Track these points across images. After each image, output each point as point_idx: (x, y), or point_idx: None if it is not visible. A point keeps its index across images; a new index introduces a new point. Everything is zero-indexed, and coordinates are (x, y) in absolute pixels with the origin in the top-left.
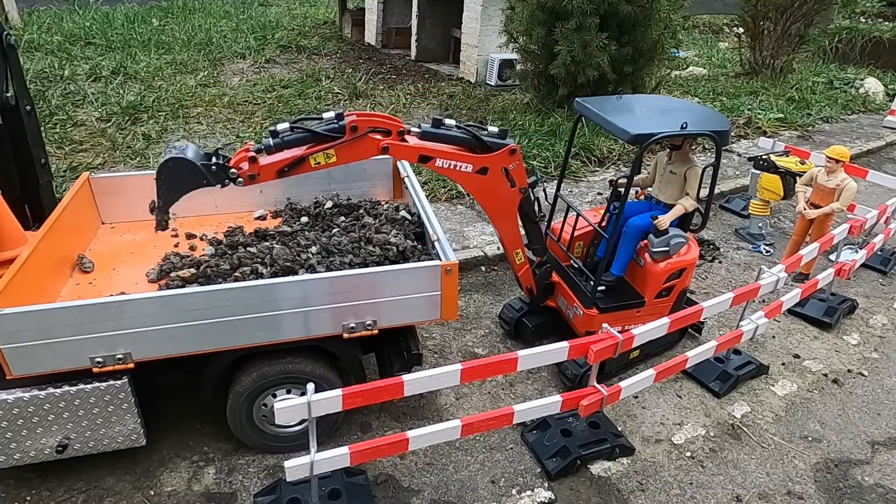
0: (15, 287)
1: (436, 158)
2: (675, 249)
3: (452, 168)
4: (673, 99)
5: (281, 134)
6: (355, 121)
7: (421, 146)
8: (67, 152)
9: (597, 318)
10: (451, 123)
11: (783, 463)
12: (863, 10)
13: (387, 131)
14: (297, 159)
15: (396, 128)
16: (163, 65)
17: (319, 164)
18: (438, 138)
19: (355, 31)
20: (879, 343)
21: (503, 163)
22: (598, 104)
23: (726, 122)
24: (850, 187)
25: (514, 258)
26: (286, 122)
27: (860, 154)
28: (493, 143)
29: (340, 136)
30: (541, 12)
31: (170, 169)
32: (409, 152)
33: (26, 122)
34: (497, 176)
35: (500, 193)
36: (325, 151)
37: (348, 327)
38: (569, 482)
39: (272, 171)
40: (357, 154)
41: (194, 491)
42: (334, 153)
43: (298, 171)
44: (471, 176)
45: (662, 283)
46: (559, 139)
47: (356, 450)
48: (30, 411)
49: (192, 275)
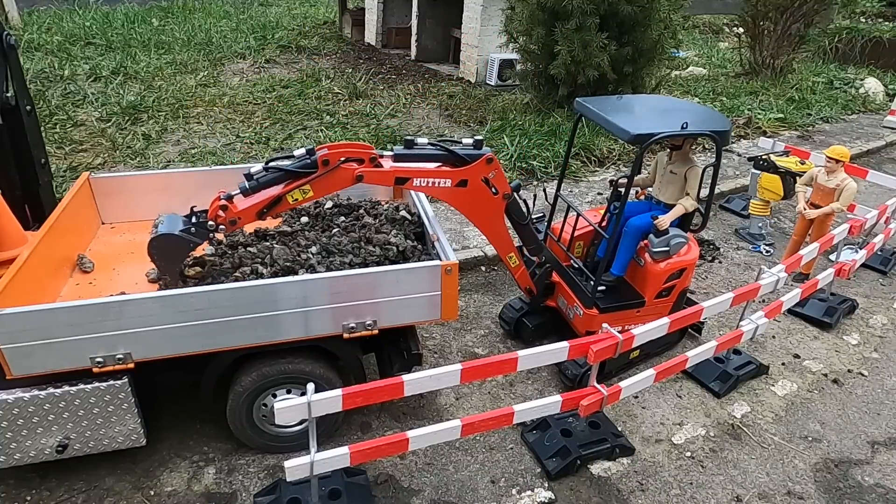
0: (15, 287)
1: (412, 179)
2: (676, 249)
3: (431, 185)
4: (673, 99)
5: (255, 176)
6: (326, 154)
7: (396, 168)
8: (67, 152)
9: (597, 318)
10: (424, 142)
11: (783, 463)
12: (863, 10)
13: (360, 160)
14: (274, 199)
15: (368, 155)
16: (163, 65)
17: (297, 201)
18: (413, 158)
19: (355, 31)
20: (879, 343)
21: (482, 173)
22: (599, 104)
23: (727, 123)
24: (850, 187)
25: (509, 262)
26: (259, 165)
27: (860, 154)
28: (469, 154)
29: (314, 170)
30: (541, 12)
31: (156, 248)
32: (385, 177)
33: (26, 122)
34: (477, 186)
35: (483, 203)
36: (300, 188)
37: (348, 327)
38: (569, 482)
39: (252, 213)
40: (333, 186)
41: (194, 491)
42: (310, 188)
43: (278, 210)
44: (451, 190)
45: (663, 283)
46: (559, 139)
47: (356, 450)
48: (30, 411)
49: (196, 272)
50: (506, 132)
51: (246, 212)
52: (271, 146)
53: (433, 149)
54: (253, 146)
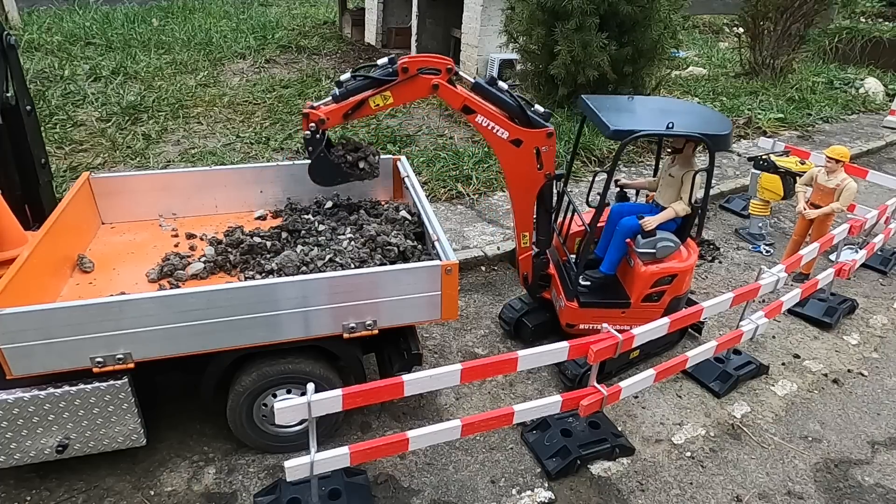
0: (15, 287)
1: (478, 114)
2: (663, 253)
3: (490, 129)
4: (685, 102)
5: (344, 84)
6: (405, 62)
7: (468, 97)
8: (67, 152)
9: (577, 312)
10: (504, 86)
11: (783, 463)
12: (863, 10)
13: (437, 70)
14: (358, 102)
15: (445, 66)
16: (163, 65)
17: (378, 106)
18: (487, 95)
19: (355, 31)
20: (879, 343)
21: (538, 142)
22: (598, 102)
23: (725, 127)
24: (850, 187)
25: (520, 240)
26: (348, 73)
27: (860, 154)
28: (536, 120)
29: (395, 78)
30: (541, 12)
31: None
32: (456, 98)
33: (26, 122)
34: (528, 152)
35: (525, 170)
36: (381, 94)
37: (348, 327)
38: (569, 482)
39: (338, 114)
40: (411, 94)
41: (194, 491)
42: (390, 94)
43: (361, 114)
44: (504, 143)
45: (649, 286)
46: (559, 139)
47: (356, 450)
48: (30, 411)
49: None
50: None
51: (333, 112)
52: (271, 146)
53: (508, 97)
54: (253, 146)
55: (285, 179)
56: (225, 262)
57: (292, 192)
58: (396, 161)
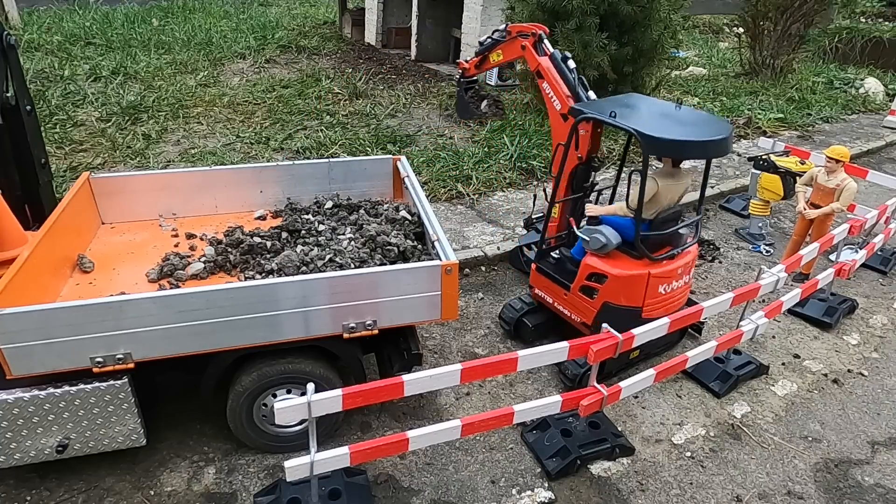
0: (15, 287)
1: (545, 80)
2: (594, 244)
3: (549, 96)
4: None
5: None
6: (511, 27)
7: (543, 65)
8: (67, 152)
9: (535, 275)
10: (572, 66)
11: (783, 463)
12: (863, 10)
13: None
14: (483, 57)
15: (536, 33)
16: (163, 65)
17: (495, 61)
18: (557, 67)
19: (355, 31)
20: (879, 343)
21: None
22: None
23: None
24: (850, 187)
25: (552, 210)
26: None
27: (860, 154)
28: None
29: None
30: (541, 12)
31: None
32: (533, 61)
33: (26, 122)
34: (570, 127)
35: (564, 143)
36: (496, 51)
37: (348, 327)
38: (569, 482)
39: (472, 65)
40: (511, 53)
41: (194, 491)
42: (501, 51)
43: (487, 66)
44: (556, 112)
45: (584, 277)
46: None
47: (356, 450)
48: (30, 411)
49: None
50: (506, 132)
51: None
52: (271, 146)
53: (573, 77)
54: (253, 146)
55: (285, 179)
56: (225, 262)
57: (292, 192)
58: (396, 161)
